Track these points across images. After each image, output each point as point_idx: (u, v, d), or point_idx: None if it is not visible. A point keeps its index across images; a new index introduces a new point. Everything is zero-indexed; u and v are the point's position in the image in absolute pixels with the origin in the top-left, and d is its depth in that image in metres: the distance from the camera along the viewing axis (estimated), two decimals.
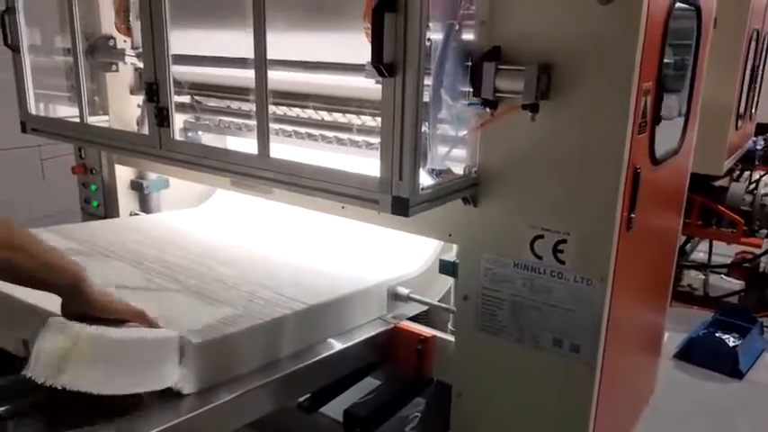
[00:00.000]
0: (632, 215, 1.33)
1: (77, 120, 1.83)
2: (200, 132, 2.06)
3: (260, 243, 1.97)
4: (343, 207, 1.66)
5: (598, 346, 1.34)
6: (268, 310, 1.45)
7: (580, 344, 1.36)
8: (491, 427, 1.53)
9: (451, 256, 1.57)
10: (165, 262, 1.73)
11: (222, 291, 1.55)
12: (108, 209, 2.27)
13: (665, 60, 1.38)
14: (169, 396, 1.22)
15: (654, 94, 1.34)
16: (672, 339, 3.23)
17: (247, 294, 1.53)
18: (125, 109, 2.15)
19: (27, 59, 1.91)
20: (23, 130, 1.96)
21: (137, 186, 2.26)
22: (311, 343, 1.51)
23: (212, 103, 1.98)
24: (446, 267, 1.54)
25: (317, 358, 1.48)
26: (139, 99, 2.16)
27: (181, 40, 1.59)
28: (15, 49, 1.90)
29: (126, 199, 2.27)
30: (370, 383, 1.75)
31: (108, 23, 2.07)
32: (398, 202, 1.21)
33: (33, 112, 1.94)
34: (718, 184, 3.72)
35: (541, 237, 1.35)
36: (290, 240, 2.00)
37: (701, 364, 3.17)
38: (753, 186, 3.84)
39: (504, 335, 1.45)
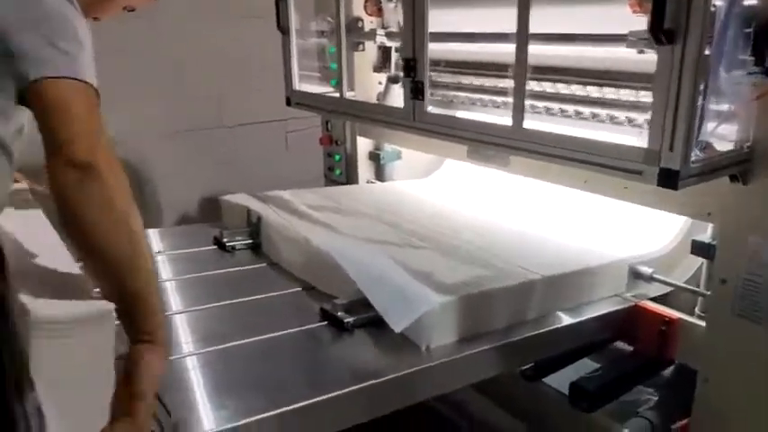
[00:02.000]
0: None
1: (335, 95, 2.05)
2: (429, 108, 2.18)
3: (491, 213, 2.05)
4: (585, 181, 1.65)
5: None
6: (510, 275, 1.52)
7: None
8: (739, 416, 1.43)
9: (705, 236, 1.49)
10: (404, 223, 1.89)
11: (465, 254, 1.65)
12: (348, 177, 2.51)
13: None
14: (409, 346, 1.33)
15: None
16: None
17: (489, 259, 1.62)
18: (368, 85, 2.34)
19: (294, 41, 2.17)
20: (288, 103, 2.22)
21: (374, 157, 2.47)
22: (548, 312, 1.54)
23: (445, 78, 2.07)
24: (701, 248, 1.46)
25: (550, 328, 1.51)
26: (380, 77, 2.34)
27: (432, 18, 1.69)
28: (285, 31, 2.15)
29: (363, 168, 2.49)
30: (586, 364, 1.74)
31: (357, 7, 2.27)
32: (666, 174, 1.17)
33: (297, 88, 2.20)
34: None
35: None
36: (521, 212, 2.05)
37: None
38: None
39: (767, 323, 1.34)
